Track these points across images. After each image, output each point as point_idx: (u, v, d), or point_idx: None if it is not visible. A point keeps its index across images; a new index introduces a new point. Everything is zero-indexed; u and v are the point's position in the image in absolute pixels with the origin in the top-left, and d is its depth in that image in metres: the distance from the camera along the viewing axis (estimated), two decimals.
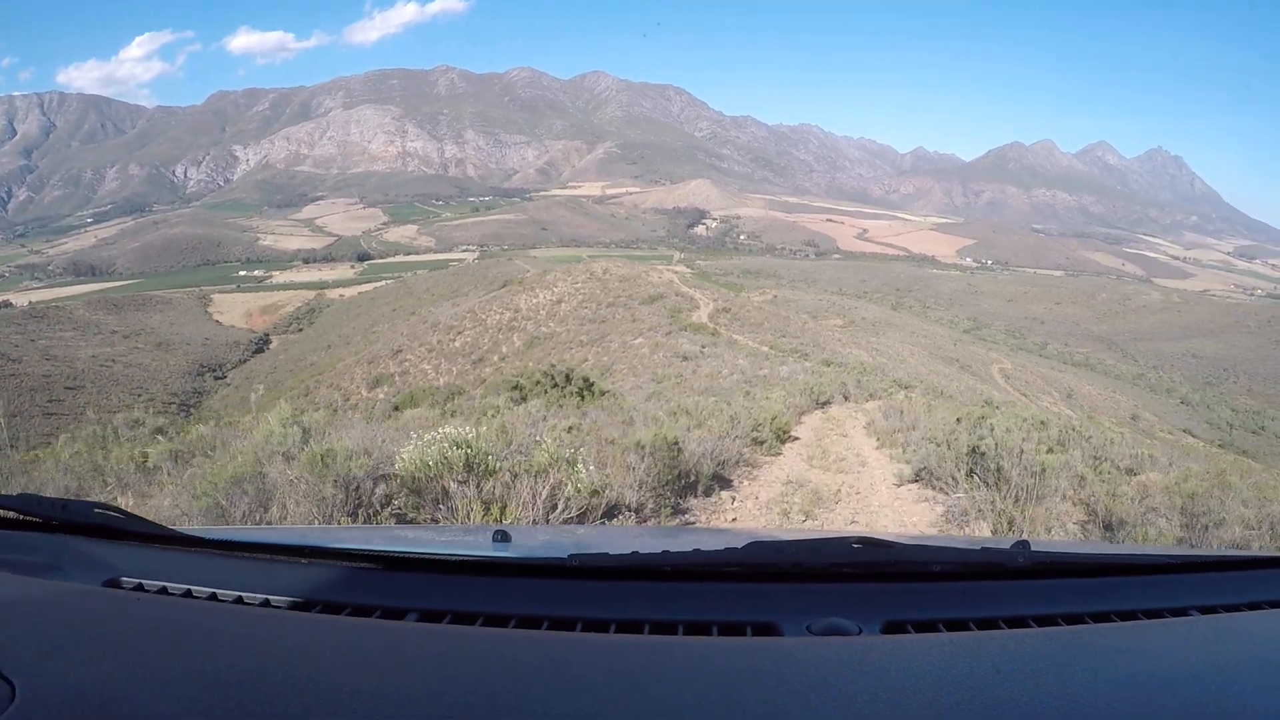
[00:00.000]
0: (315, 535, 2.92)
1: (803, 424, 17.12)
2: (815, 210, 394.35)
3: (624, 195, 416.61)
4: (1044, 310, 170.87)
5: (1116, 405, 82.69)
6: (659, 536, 3.71)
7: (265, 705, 1.14)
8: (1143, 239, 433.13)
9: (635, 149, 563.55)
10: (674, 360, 32.43)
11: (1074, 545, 4.54)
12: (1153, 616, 1.70)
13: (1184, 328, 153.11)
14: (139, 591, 1.64)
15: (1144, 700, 1.24)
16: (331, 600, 1.59)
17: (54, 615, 1.44)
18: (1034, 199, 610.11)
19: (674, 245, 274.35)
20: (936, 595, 1.73)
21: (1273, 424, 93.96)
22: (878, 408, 20.38)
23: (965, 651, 1.44)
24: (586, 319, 54.02)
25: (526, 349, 50.20)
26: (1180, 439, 57.31)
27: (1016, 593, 1.79)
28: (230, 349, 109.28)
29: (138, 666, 1.24)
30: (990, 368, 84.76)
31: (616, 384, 27.51)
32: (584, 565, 1.71)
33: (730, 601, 1.64)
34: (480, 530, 3.13)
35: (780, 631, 1.51)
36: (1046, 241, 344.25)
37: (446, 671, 1.29)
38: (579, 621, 1.51)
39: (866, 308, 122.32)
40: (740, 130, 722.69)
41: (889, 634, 1.53)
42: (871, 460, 12.34)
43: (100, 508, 1.91)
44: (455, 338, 59.86)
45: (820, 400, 22.07)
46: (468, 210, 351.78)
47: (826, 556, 1.76)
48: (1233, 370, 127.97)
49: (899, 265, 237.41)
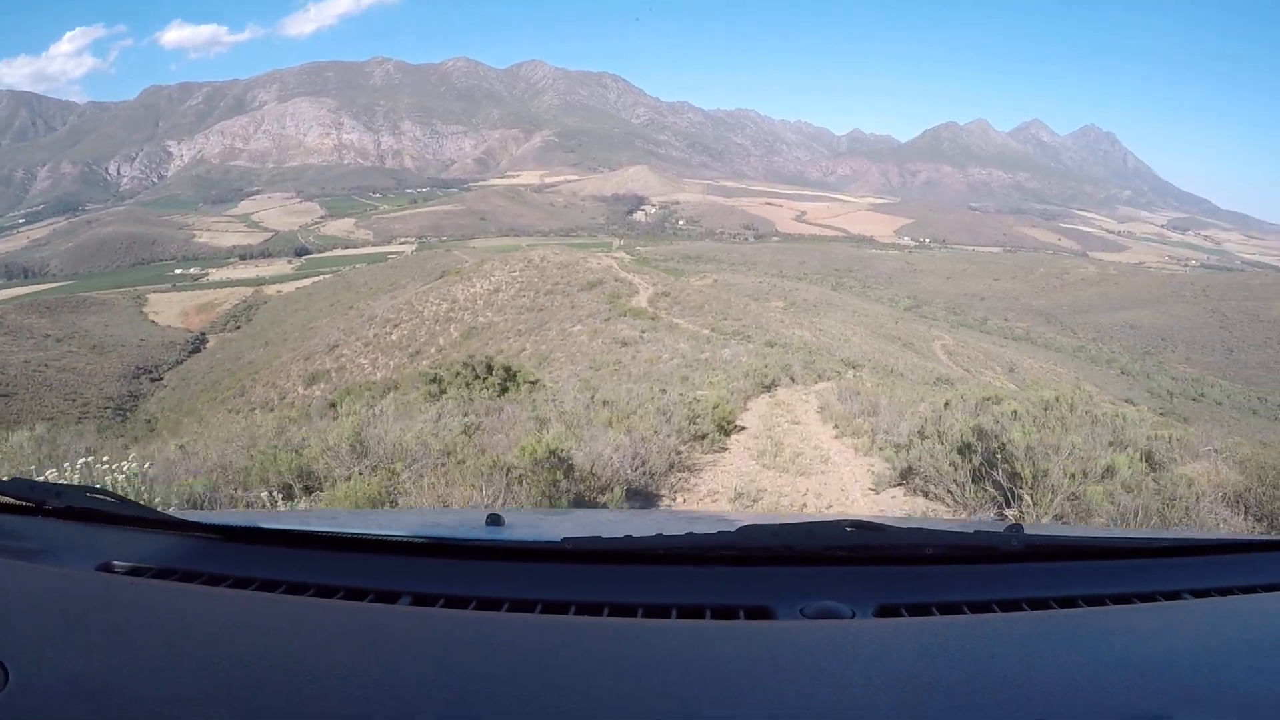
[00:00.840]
0: (308, 519, 2.92)
1: (749, 410, 16.10)
2: (754, 194, 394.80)
3: (562, 184, 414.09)
4: (983, 286, 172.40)
5: (1058, 377, 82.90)
6: (652, 520, 3.54)
7: (259, 689, 1.14)
8: (1078, 214, 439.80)
9: (573, 137, 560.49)
10: (613, 346, 31.61)
11: (1067, 529, 4.56)
12: (1146, 600, 1.69)
13: (1121, 300, 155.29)
14: (133, 576, 1.64)
15: (1138, 683, 1.25)
16: (325, 584, 1.58)
17: (47, 600, 1.44)
18: (970, 178, 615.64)
19: (613, 232, 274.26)
20: (930, 578, 1.72)
21: (1211, 390, 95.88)
22: (829, 389, 19.41)
23: (959, 634, 1.45)
24: (525, 307, 53.25)
25: (464, 340, 49.32)
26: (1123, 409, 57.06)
27: (1010, 576, 1.79)
28: (166, 349, 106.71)
29: (131, 651, 1.24)
30: (932, 344, 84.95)
31: (554, 373, 26.69)
32: (577, 549, 1.70)
33: (724, 585, 1.64)
34: (473, 513, 3.08)
35: (774, 615, 1.51)
36: (983, 219, 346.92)
37: (440, 655, 1.29)
38: (572, 605, 1.50)
39: (807, 289, 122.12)
40: (677, 116, 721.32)
41: (882, 617, 1.53)
42: (834, 454, 10.97)
43: (93, 492, 1.91)
44: (392, 331, 59.10)
45: (766, 383, 20.95)
46: (405, 202, 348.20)
47: (820, 540, 1.75)
48: (1170, 340, 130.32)
49: (838, 246, 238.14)
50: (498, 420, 9.46)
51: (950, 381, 34.64)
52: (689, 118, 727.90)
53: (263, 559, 1.74)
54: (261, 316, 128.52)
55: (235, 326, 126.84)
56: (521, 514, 3.89)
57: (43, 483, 1.94)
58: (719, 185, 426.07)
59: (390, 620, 1.44)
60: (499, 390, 15.13)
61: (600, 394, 12.82)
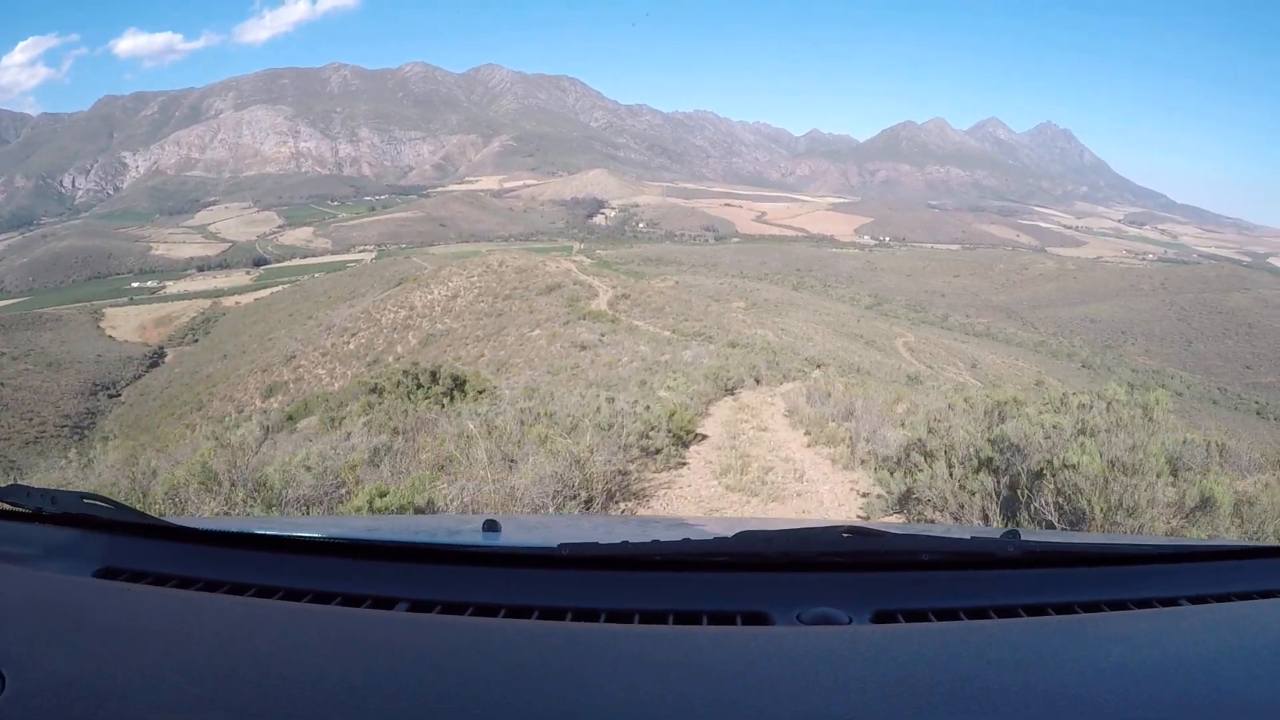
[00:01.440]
0: (305, 525, 2.93)
1: (710, 416, 15.26)
2: (713, 195, 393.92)
3: (522, 188, 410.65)
4: (943, 283, 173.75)
5: (1020, 372, 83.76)
6: (649, 526, 3.63)
7: (256, 695, 1.14)
8: (1036, 210, 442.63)
9: (532, 141, 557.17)
10: (572, 350, 31.08)
11: (1064, 535, 4.54)
12: (1143, 606, 1.70)
13: (1080, 294, 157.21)
14: (130, 582, 1.64)
15: (1134, 689, 1.25)
16: (322, 590, 1.59)
17: (44, 607, 1.44)
18: (928, 176, 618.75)
19: (574, 236, 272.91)
20: (927, 585, 1.72)
21: (1171, 382, 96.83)
22: (796, 390, 18.76)
23: (955, 641, 1.45)
24: (483, 313, 52.54)
25: (422, 347, 48.78)
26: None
27: (1007, 582, 1.79)
28: (124, 365, 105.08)
29: (129, 657, 1.24)
30: (894, 342, 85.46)
31: (513, 379, 25.81)
32: (574, 555, 1.70)
33: (720, 591, 1.64)
34: (470, 520, 3.14)
35: (770, 621, 1.51)
36: (942, 216, 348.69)
37: (437, 661, 1.29)
38: (569, 611, 1.51)
39: (768, 289, 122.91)
40: (636, 119, 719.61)
41: (879, 623, 1.53)
42: (810, 468, 10.08)
43: (89, 498, 1.90)
44: (349, 340, 58.36)
45: (729, 386, 20.31)
46: (364, 210, 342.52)
47: (816, 546, 1.75)
48: (1130, 332, 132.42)
49: (798, 246, 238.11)
50: (415, 441, 8.48)
51: (920, 379, 34.08)
52: (647, 120, 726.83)
53: (259, 565, 1.74)
54: (220, 329, 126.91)
55: (193, 340, 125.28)
56: (518, 520, 4.06)
57: (39, 489, 1.94)
58: (678, 187, 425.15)
59: (387, 626, 1.44)
60: (443, 400, 14.14)
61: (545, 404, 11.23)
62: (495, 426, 8.27)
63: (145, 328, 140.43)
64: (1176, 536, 5.59)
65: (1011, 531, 2.01)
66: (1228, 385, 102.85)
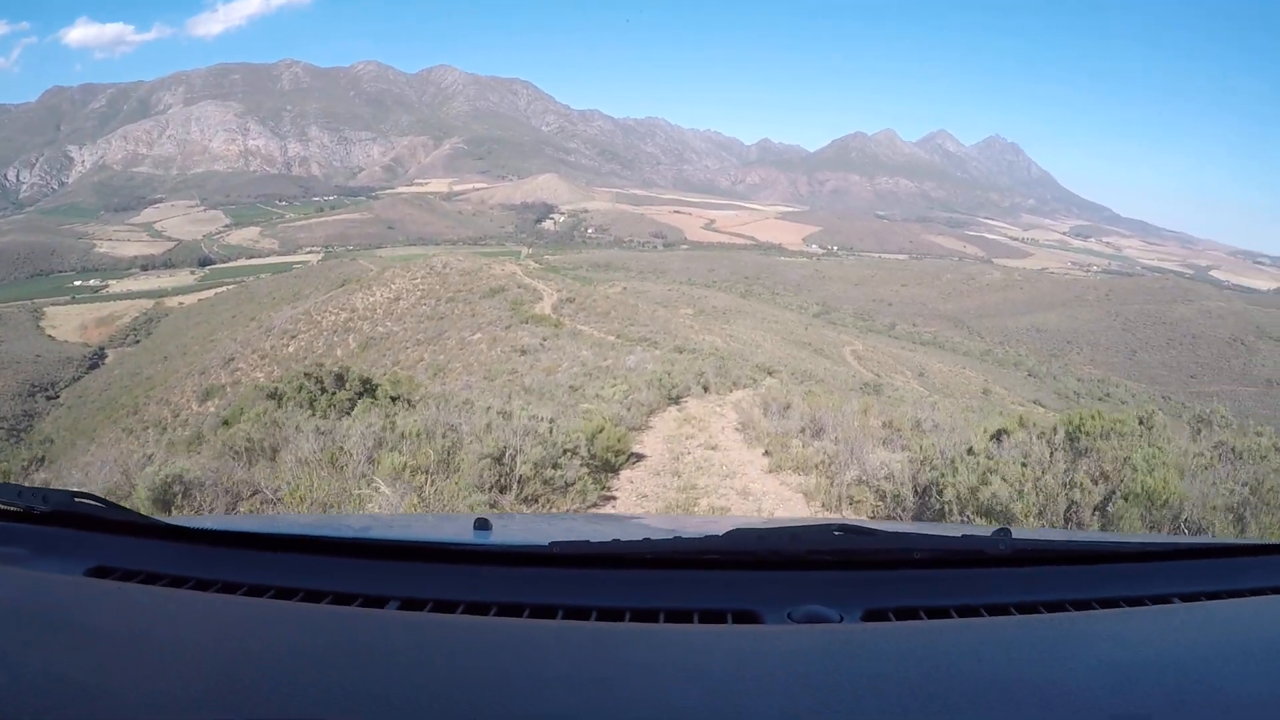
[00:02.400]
0: (295, 523, 2.93)
1: (651, 429, 13.79)
2: (663, 202, 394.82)
3: (471, 191, 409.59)
4: (891, 292, 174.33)
5: (968, 381, 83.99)
6: (639, 524, 3.68)
7: (247, 693, 1.13)
8: (983, 222, 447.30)
9: (483, 144, 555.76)
10: (511, 355, 30.42)
11: (1056, 533, 4.53)
12: (1134, 604, 1.70)
13: (1026, 304, 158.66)
14: (121, 581, 1.64)
15: (1126, 687, 1.24)
16: (313, 588, 1.58)
17: (35, 605, 1.44)
18: (877, 186, 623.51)
19: (522, 240, 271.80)
20: (918, 583, 1.73)
21: (1116, 390, 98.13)
22: (749, 400, 17.59)
23: (947, 639, 1.45)
24: (425, 316, 51.76)
25: (361, 351, 47.69)
26: (1032, 410, 57.24)
27: (998, 580, 1.79)
28: (64, 365, 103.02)
29: (120, 656, 1.24)
30: (842, 350, 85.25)
31: (448, 383, 25.48)
32: (565, 553, 1.70)
33: (711, 589, 1.64)
34: (461, 518, 3.21)
35: (761, 619, 1.51)
36: (891, 226, 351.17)
37: (428, 659, 1.29)
38: (560, 609, 1.51)
39: (717, 296, 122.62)
40: (587, 124, 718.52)
41: (870, 621, 1.53)
42: (777, 504, 8.40)
43: (81, 497, 1.90)
44: (289, 342, 57.00)
45: (674, 394, 18.67)
46: (312, 210, 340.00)
47: (807, 544, 1.74)
48: (1075, 342, 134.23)
49: (747, 254, 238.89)
50: (253, 469, 6.90)
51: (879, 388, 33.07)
52: (599, 125, 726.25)
53: (251, 564, 1.74)
54: (162, 330, 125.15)
55: (135, 340, 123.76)
56: (509, 519, 4.10)
57: (30, 488, 1.92)
58: (628, 193, 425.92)
59: (378, 624, 1.44)
60: (349, 407, 12.50)
61: (434, 419, 8.94)
62: (343, 450, 6.68)
63: (86, 327, 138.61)
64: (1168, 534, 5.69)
65: (1003, 530, 2.01)
66: (1172, 394, 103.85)
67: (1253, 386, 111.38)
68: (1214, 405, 9.76)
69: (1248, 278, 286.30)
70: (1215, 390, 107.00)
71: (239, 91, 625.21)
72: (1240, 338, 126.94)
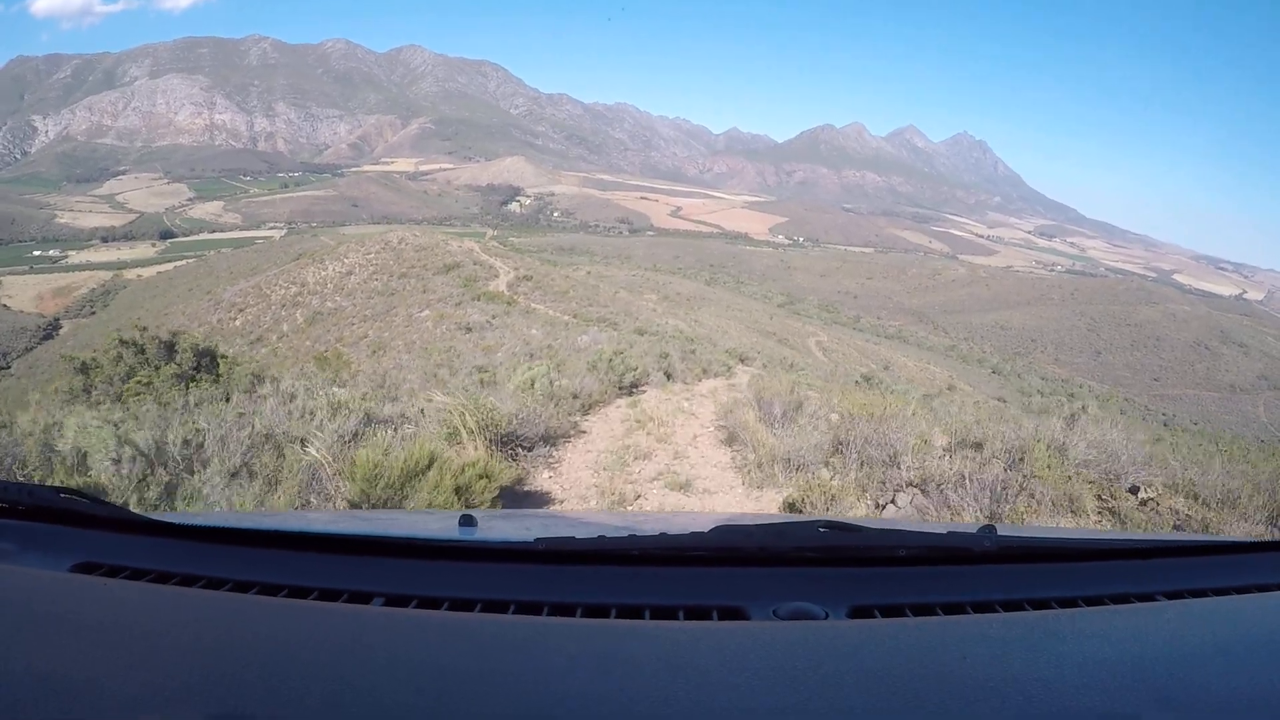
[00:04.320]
0: (281, 519, 2.93)
1: (587, 433, 10.36)
2: (630, 188, 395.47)
3: (438, 172, 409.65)
4: (856, 285, 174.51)
5: (932, 376, 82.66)
6: (625, 521, 3.61)
7: (232, 689, 1.13)
8: (949, 218, 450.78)
9: (450, 125, 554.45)
10: (456, 333, 28.76)
11: (1041, 530, 4.52)
12: (1119, 601, 1.71)
13: (991, 301, 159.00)
14: (106, 577, 1.63)
15: (1110, 684, 1.25)
16: (298, 585, 1.58)
17: (19, 601, 1.44)
18: (844, 179, 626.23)
19: (487, 222, 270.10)
20: (903, 580, 1.73)
21: (1080, 391, 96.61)
22: (726, 391, 14.43)
23: (932, 636, 1.45)
24: (375, 291, 49.72)
25: (308, 326, 45.86)
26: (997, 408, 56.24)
27: (983, 577, 1.79)
28: (16, 335, 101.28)
29: (105, 652, 1.24)
30: (807, 340, 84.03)
31: (382, 363, 24.21)
32: (550, 549, 1.70)
33: (697, 585, 1.64)
34: (446, 515, 3.22)
35: (747, 615, 1.51)
36: (857, 219, 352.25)
37: (413, 655, 1.28)
38: (545, 605, 1.51)
39: (682, 283, 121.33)
40: (556, 108, 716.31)
41: (855, 618, 1.53)
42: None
43: (66, 493, 1.90)
44: (236, 316, 55.02)
45: (627, 380, 14.97)
46: (276, 186, 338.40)
47: (793, 540, 1.76)
48: (1040, 341, 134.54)
49: (713, 242, 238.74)
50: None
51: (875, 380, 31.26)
52: (568, 110, 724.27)
53: (236, 560, 1.73)
54: (119, 302, 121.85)
55: (91, 312, 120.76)
56: (495, 515, 4.01)
57: (15, 483, 1.92)
58: (595, 178, 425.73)
59: (363, 621, 1.44)
60: (180, 385, 10.63)
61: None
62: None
63: (43, 298, 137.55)
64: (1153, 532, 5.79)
65: (988, 527, 2.02)
66: (1135, 396, 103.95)
67: (1216, 391, 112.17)
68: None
69: (1210, 283, 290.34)
70: (1178, 394, 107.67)
71: (206, 65, 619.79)
72: (1204, 342, 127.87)
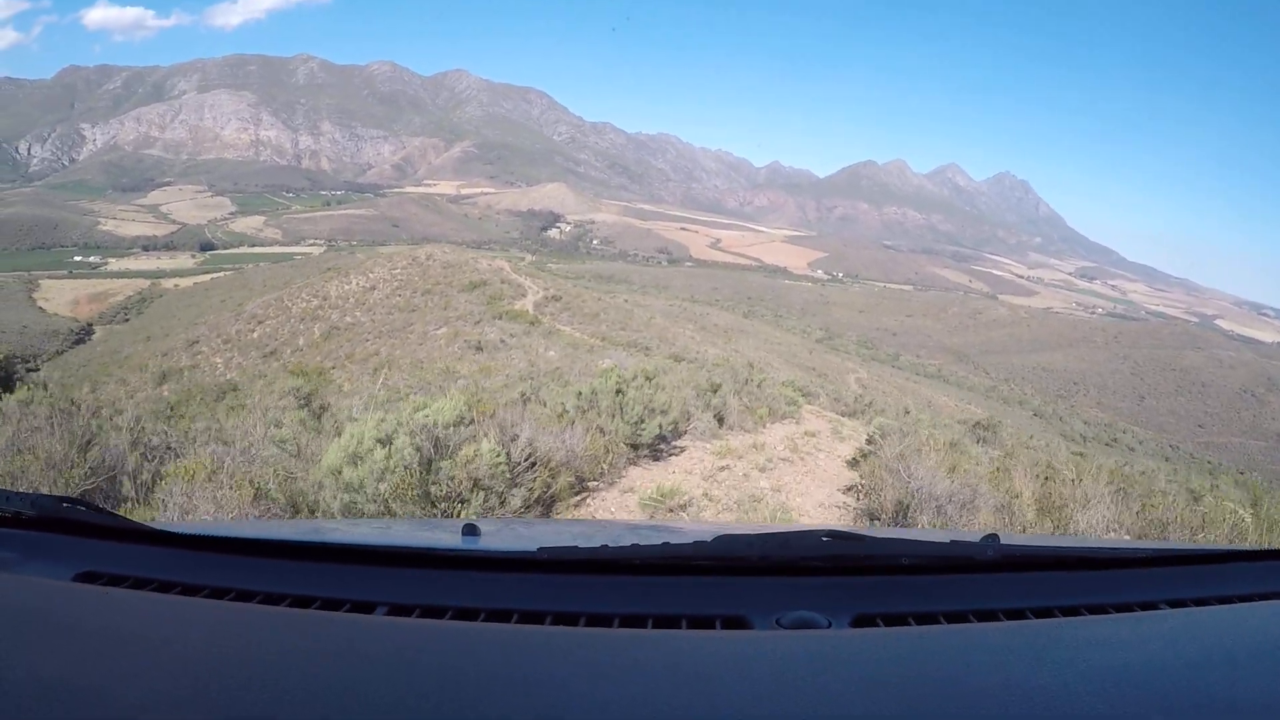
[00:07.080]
0: (284, 529, 2.93)
1: None
2: (670, 219, 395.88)
3: (479, 195, 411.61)
4: (895, 322, 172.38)
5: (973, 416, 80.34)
6: (628, 530, 3.52)
7: (235, 699, 1.13)
8: (989, 257, 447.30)
9: (493, 149, 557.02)
10: (467, 352, 26.84)
11: (1044, 539, 4.41)
12: (1122, 610, 1.70)
13: (1032, 342, 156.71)
14: (110, 586, 1.63)
15: (1114, 693, 1.24)
16: (301, 594, 1.58)
17: (23, 610, 1.43)
18: (885, 216, 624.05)
19: (527, 247, 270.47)
20: (906, 589, 1.73)
21: (1124, 436, 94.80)
22: (832, 452, 11.34)
23: (935, 645, 1.45)
24: (397, 307, 48.28)
25: (323, 341, 44.52)
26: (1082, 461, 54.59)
27: (986, 586, 1.79)
28: (49, 338, 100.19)
29: (108, 661, 1.24)
30: (846, 376, 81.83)
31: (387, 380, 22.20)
32: (553, 559, 1.69)
33: (700, 595, 1.64)
34: (449, 524, 3.32)
35: (750, 625, 1.51)
36: (896, 256, 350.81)
37: (416, 665, 1.28)
38: (548, 615, 1.51)
39: (719, 314, 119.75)
40: (599, 136, 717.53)
41: (859, 627, 1.53)
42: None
43: (69, 502, 1.90)
44: (255, 327, 53.80)
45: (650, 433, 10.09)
46: (318, 204, 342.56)
47: (796, 550, 1.75)
48: (1082, 384, 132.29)
49: (752, 275, 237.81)
50: None
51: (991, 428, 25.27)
52: (610, 138, 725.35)
53: (239, 569, 1.73)
54: (153, 310, 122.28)
55: (125, 319, 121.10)
56: (498, 524, 4.06)
57: (18, 492, 1.92)
58: (636, 207, 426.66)
59: (366, 630, 1.44)
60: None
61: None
62: None
63: (79, 302, 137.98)
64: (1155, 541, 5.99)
65: (991, 536, 2.02)
66: (1179, 443, 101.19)
67: (1262, 440, 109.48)
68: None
69: (1253, 329, 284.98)
70: (1224, 441, 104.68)
71: (254, 82, 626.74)
72: (1251, 389, 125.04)
